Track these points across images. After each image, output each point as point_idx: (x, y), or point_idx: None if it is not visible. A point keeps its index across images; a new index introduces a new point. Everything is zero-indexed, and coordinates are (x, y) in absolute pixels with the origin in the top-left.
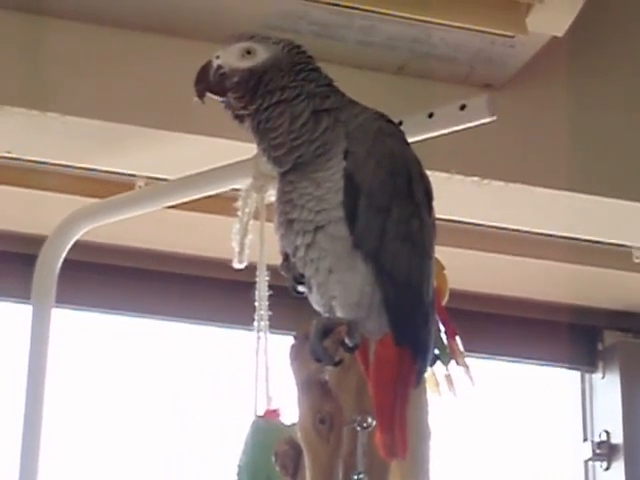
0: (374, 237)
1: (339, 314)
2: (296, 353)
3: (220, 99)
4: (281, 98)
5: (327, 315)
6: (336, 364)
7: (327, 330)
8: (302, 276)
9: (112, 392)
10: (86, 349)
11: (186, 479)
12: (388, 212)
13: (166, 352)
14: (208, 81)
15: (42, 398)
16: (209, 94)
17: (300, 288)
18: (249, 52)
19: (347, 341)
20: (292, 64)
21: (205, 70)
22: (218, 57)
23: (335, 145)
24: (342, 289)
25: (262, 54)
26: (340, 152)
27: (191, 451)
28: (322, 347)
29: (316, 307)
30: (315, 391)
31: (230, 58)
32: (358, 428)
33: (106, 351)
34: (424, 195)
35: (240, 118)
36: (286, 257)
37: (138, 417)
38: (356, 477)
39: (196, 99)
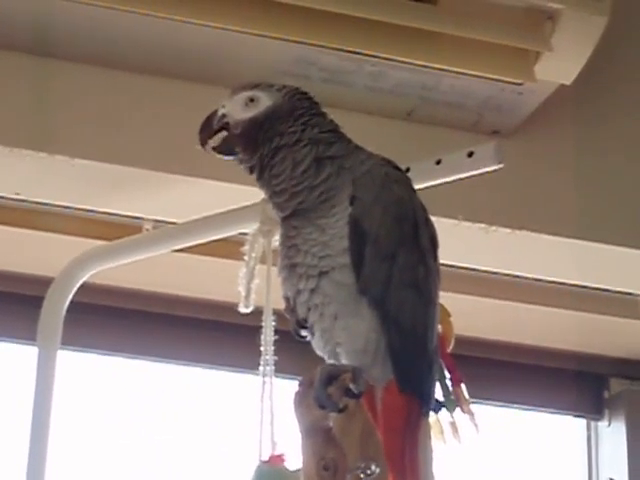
0: (380, 284)
1: (344, 360)
2: (300, 399)
3: (229, 158)
4: (280, 144)
5: (331, 361)
6: (340, 411)
7: (332, 377)
8: (305, 320)
9: (117, 434)
10: (92, 391)
11: None
12: (394, 259)
13: (171, 396)
14: (212, 129)
15: (47, 440)
16: (219, 155)
17: (303, 332)
18: (252, 100)
19: (352, 388)
20: (292, 109)
21: (209, 119)
22: (224, 106)
23: (340, 191)
24: (348, 335)
25: (265, 102)
26: (346, 198)
27: None
28: (326, 394)
29: (319, 352)
30: (319, 437)
31: (234, 107)
32: (362, 475)
33: (111, 394)
34: (429, 242)
35: (250, 170)
36: (288, 301)
37: (143, 461)
38: None
39: (199, 147)
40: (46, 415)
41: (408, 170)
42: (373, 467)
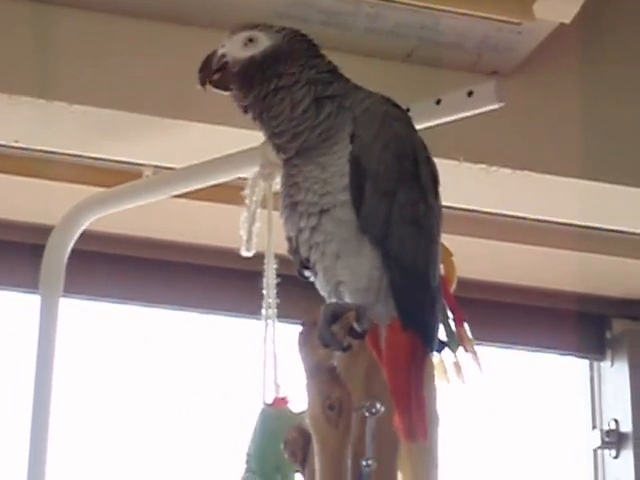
0: (380, 221)
1: (347, 299)
2: (304, 339)
3: (225, 93)
4: (279, 85)
5: (334, 300)
6: (344, 349)
7: (335, 316)
8: (307, 260)
9: (120, 381)
10: (94, 338)
11: (195, 468)
12: (394, 196)
13: (174, 341)
14: (210, 69)
15: (50, 387)
16: (215, 90)
17: (306, 273)
18: (251, 40)
19: (356, 326)
20: (291, 51)
21: (209, 58)
22: (223, 46)
23: (341, 130)
24: (350, 274)
25: (264, 42)
26: (346, 136)
27: (200, 440)
28: (330, 333)
29: (321, 292)
30: (324, 377)
31: (234, 47)
32: (367, 414)
33: (114, 340)
34: (430, 179)
35: (245, 109)
36: (291, 241)
37: (146, 406)
38: (365, 463)
39: (199, 86)
40: (49, 362)
41: (408, 110)
42: (378, 405)
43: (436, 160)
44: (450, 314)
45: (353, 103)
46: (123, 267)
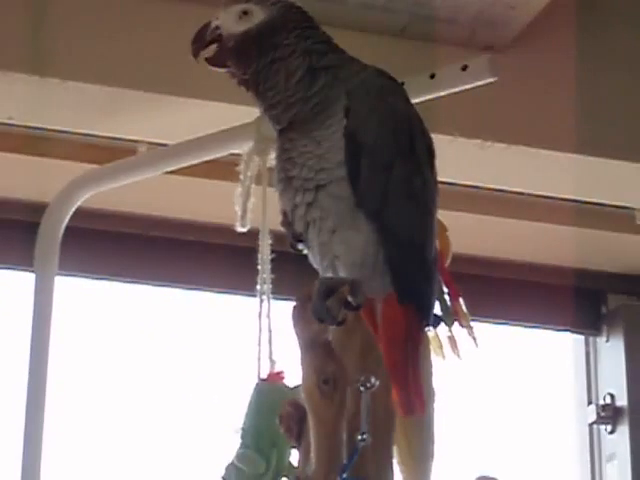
0: (377, 195)
1: (342, 274)
2: (299, 314)
3: (222, 70)
4: (275, 56)
5: (329, 275)
6: (339, 324)
7: (330, 290)
8: (302, 234)
9: (115, 359)
10: (89, 316)
11: (191, 444)
12: (390, 170)
13: (168, 318)
14: (204, 40)
15: (46, 365)
16: (212, 67)
17: (300, 246)
18: (245, 13)
19: (351, 300)
20: (286, 22)
21: (202, 30)
22: (217, 18)
23: (335, 103)
24: (345, 249)
25: (258, 15)
26: (340, 110)
27: (195, 415)
28: (325, 307)
29: (316, 266)
30: (318, 352)
31: (228, 20)
32: (362, 388)
33: (108, 318)
34: (426, 152)
35: (245, 84)
36: (286, 215)
37: (141, 384)
38: (360, 438)
39: (192, 57)
40: (45, 341)
41: (402, 84)
42: (373, 380)
43: (431, 135)
44: (445, 289)
45: (348, 75)
46: (118, 244)
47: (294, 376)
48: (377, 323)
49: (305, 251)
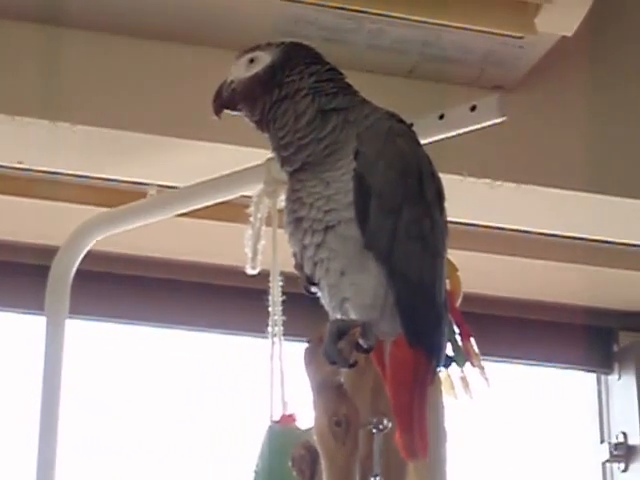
0: (385, 238)
1: (352, 316)
2: (311, 356)
3: (236, 113)
4: (280, 95)
5: (340, 317)
6: (351, 366)
7: (341, 332)
8: (312, 276)
9: (127, 402)
10: (100, 359)
11: None
12: (399, 213)
13: (181, 361)
14: (222, 97)
15: (58, 408)
16: (226, 111)
17: (313, 289)
18: (252, 61)
19: (362, 342)
20: (288, 60)
21: (220, 88)
22: (231, 74)
23: (345, 145)
24: (355, 291)
25: (264, 60)
26: (350, 152)
27: (208, 459)
28: (336, 349)
29: (327, 308)
30: (330, 394)
31: (238, 71)
32: (374, 430)
33: (120, 361)
34: (435, 194)
35: (259, 125)
36: (297, 257)
37: (153, 426)
38: None
39: (214, 117)
40: (56, 384)
41: (411, 125)
42: (385, 422)
43: (440, 175)
44: (456, 329)
45: (358, 118)
46: (129, 287)
47: (306, 418)
48: (385, 364)
49: (318, 294)
